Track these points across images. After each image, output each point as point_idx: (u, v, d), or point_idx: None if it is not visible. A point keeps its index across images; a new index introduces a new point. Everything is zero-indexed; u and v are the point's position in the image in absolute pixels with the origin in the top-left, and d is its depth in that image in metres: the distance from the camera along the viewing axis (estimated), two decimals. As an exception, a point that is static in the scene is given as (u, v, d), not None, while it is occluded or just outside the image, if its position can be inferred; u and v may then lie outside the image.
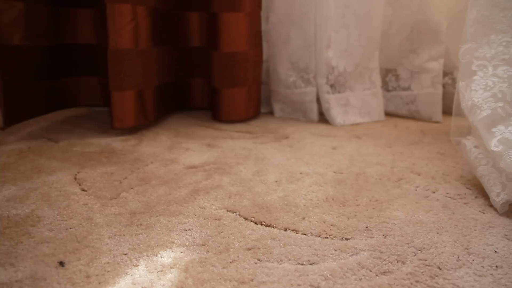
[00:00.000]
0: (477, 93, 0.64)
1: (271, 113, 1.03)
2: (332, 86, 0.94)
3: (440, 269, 0.42)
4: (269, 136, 0.84)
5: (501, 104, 0.62)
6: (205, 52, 0.92)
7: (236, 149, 0.75)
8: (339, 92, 0.95)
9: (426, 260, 0.44)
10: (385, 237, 0.48)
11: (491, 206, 0.57)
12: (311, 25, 0.90)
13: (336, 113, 0.93)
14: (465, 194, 0.61)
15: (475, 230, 0.51)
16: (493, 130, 0.60)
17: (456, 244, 0.47)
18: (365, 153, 0.76)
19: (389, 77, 1.03)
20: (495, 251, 0.47)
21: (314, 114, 0.95)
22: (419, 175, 0.67)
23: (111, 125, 0.77)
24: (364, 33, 0.94)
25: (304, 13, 0.90)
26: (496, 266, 0.43)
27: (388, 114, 1.04)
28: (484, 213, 0.56)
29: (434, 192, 0.61)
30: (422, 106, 0.99)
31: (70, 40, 0.88)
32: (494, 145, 0.58)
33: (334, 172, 0.66)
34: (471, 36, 0.68)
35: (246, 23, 0.85)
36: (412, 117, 1.02)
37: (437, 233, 0.50)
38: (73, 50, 0.88)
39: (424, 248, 0.46)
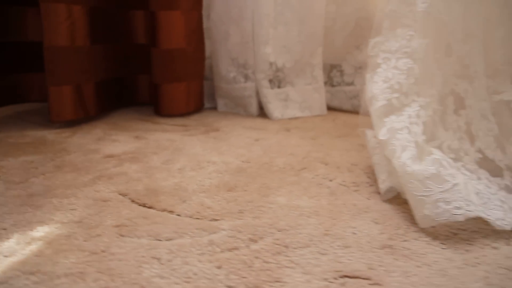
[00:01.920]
0: (377, 85, 0.66)
1: (216, 108, 1.07)
2: (271, 81, 0.97)
3: (286, 247, 0.46)
4: (201, 129, 0.89)
5: (396, 95, 0.64)
6: (149, 49, 0.97)
7: (161, 141, 0.80)
8: (278, 87, 0.98)
9: (278, 240, 0.47)
10: (254, 219, 0.52)
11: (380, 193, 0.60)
12: (249, 22, 0.94)
13: (274, 108, 0.96)
14: (362, 182, 0.64)
15: (348, 214, 0.54)
16: (385, 120, 0.62)
17: (319, 226, 0.50)
18: (285, 144, 0.80)
19: (333, 73, 1.05)
20: (354, 233, 0.49)
21: (254, 109, 0.99)
22: (326, 164, 0.70)
23: (49, 119, 0.83)
24: (304, 30, 0.97)
25: (241, 10, 0.94)
26: (345, 246, 0.46)
27: (333, 109, 1.07)
28: (369, 199, 0.59)
29: (331, 181, 0.64)
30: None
31: (21, 38, 0.94)
32: (382, 134, 0.60)
33: (242, 162, 0.70)
34: (381, 29, 0.71)
35: (182, 21, 0.89)
36: (355, 111, 1.04)
37: (307, 216, 0.53)
38: (24, 47, 0.94)
39: (285, 229, 0.50)
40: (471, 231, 0.50)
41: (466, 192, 0.52)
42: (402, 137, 0.58)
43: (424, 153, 0.57)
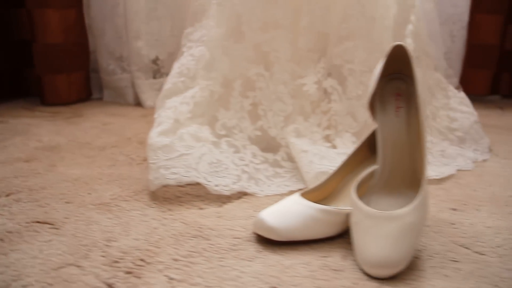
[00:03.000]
0: (173, 71, 0.75)
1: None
2: (145, 72, 1.08)
3: (17, 201, 0.56)
4: (67, 115, 1.01)
5: (183, 79, 0.73)
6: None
7: (18, 125, 0.92)
8: (154, 78, 1.08)
9: (18, 195, 0.57)
10: (21, 182, 0.62)
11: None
12: (121, 18, 1.05)
13: (147, 97, 1.07)
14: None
15: (104, 181, 0.64)
16: (167, 101, 0.71)
17: (65, 189, 0.60)
18: (126, 128, 0.90)
19: (213, 64, 1.14)
20: (89, 194, 0.58)
21: (130, 98, 1.10)
22: (140, 143, 0.80)
23: None
24: (177, 24, 1.07)
25: (114, 7, 1.05)
26: (66, 202, 0.56)
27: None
28: (142, 170, 0.67)
29: (126, 156, 0.74)
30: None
31: None
32: (157, 114, 0.69)
33: (68, 140, 0.81)
34: (192, 21, 0.79)
35: (57, 17, 1.01)
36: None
37: (67, 181, 0.63)
38: None
39: (35, 189, 0.60)
40: (195, 196, 0.59)
41: (195, 161, 0.60)
42: (165, 114, 0.67)
43: (181, 128, 0.65)
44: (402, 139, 0.51)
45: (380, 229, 0.43)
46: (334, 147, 0.72)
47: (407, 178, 0.51)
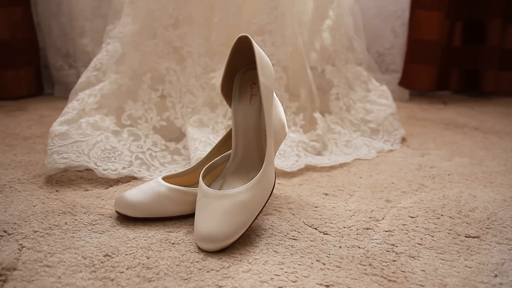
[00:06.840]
0: (89, 66, 0.81)
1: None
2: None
3: None
4: (11, 108, 1.08)
5: (95, 73, 0.79)
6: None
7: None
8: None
9: None
10: None
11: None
12: (66, 16, 1.12)
13: (91, 91, 1.13)
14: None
15: (14, 166, 0.69)
16: (80, 93, 0.77)
17: None
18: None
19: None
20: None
21: (77, 93, 1.16)
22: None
23: None
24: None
25: (59, 5, 1.12)
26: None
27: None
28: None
29: (45, 145, 0.79)
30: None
31: None
32: (68, 106, 0.75)
33: (4, 133, 0.88)
34: (113, 19, 0.85)
35: (2, 14, 1.09)
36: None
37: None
38: None
39: None
40: (87, 179, 0.66)
41: (88, 148, 0.66)
42: (71, 105, 0.73)
43: (84, 116, 0.71)
44: (252, 125, 0.56)
45: (211, 206, 0.48)
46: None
47: (256, 162, 0.56)
